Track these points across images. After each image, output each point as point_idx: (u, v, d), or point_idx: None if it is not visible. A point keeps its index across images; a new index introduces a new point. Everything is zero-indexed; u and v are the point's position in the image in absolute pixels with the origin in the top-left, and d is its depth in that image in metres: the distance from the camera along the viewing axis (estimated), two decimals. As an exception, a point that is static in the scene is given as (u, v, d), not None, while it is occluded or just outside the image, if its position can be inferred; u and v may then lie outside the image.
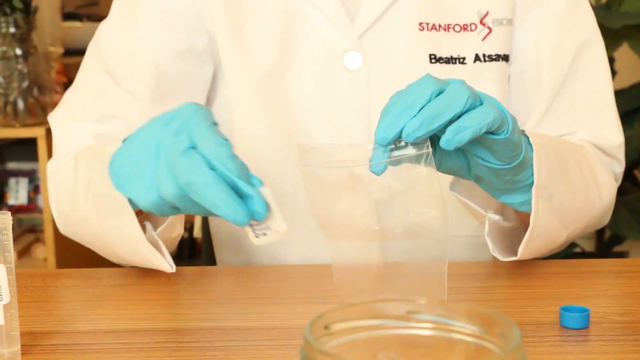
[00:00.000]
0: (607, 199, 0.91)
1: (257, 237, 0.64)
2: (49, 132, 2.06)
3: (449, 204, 0.72)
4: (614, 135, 0.95)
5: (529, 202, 0.79)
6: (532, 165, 0.76)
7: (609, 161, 0.95)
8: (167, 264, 0.79)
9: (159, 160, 0.64)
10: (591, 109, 0.95)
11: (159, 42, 0.94)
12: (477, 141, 0.69)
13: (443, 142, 0.65)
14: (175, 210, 0.67)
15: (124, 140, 0.75)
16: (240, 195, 0.62)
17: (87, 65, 0.97)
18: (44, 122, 2.04)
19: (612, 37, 1.81)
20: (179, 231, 0.84)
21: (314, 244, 0.94)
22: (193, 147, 0.62)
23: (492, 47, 0.93)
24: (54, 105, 2.16)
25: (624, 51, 2.05)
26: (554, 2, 0.95)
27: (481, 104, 0.67)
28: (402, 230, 0.69)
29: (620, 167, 0.96)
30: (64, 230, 0.92)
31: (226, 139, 0.63)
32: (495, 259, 0.86)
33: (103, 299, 0.80)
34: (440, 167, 0.72)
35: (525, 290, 0.80)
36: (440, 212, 0.67)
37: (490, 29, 0.93)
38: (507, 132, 0.68)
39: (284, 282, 0.85)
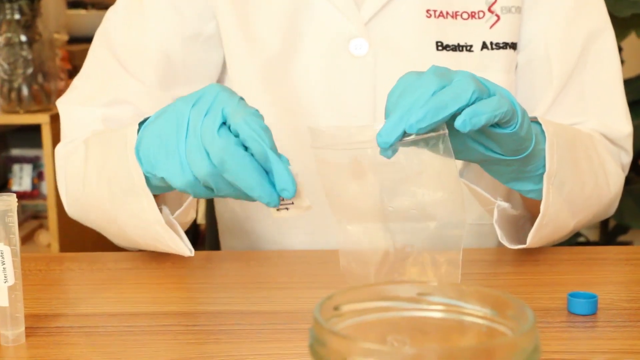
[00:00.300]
0: (614, 189, 0.91)
1: (278, 210, 0.65)
2: (53, 119, 2.06)
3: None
4: (622, 125, 0.94)
5: (538, 190, 0.78)
6: (542, 156, 0.76)
7: (617, 151, 0.95)
8: (185, 248, 0.79)
9: (192, 140, 0.65)
10: (600, 98, 0.94)
11: (167, 28, 0.93)
12: (484, 133, 0.68)
13: (459, 123, 0.63)
14: (209, 191, 0.67)
15: (141, 124, 0.75)
16: (267, 172, 0.63)
17: (95, 52, 0.97)
18: (48, 109, 2.04)
19: (620, 25, 1.79)
20: (192, 216, 0.84)
21: (319, 229, 0.94)
22: (224, 124, 0.64)
23: (500, 35, 0.92)
24: (58, 92, 2.16)
25: (631, 40, 2.04)
26: None
27: (489, 96, 0.66)
28: (414, 212, 0.68)
29: (627, 158, 0.96)
30: (73, 213, 0.92)
31: (257, 110, 0.65)
32: (500, 245, 0.85)
33: (108, 283, 0.80)
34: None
35: (532, 277, 0.80)
36: (455, 195, 0.67)
37: (498, 17, 0.92)
38: (515, 127, 0.68)
39: (289, 267, 0.84)
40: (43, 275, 0.82)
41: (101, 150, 0.83)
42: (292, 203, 0.65)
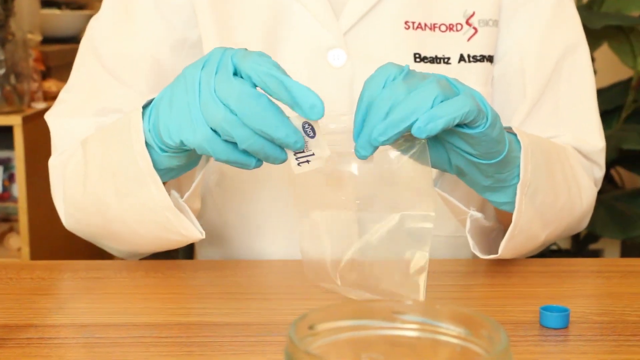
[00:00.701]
0: (586, 203, 0.92)
1: (299, 165, 0.65)
2: (25, 121, 2.04)
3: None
4: (595, 140, 0.95)
5: (512, 203, 0.79)
6: (517, 165, 0.76)
7: (590, 165, 0.95)
8: (196, 231, 0.78)
9: (205, 94, 0.64)
10: (574, 113, 0.95)
11: (156, 34, 0.93)
12: (455, 133, 0.69)
13: (414, 130, 0.65)
14: (230, 146, 0.65)
15: (145, 107, 0.75)
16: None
17: (82, 62, 0.95)
18: (20, 110, 2.02)
19: (592, 37, 1.81)
20: (197, 205, 0.83)
21: (295, 238, 0.93)
22: (235, 74, 0.64)
23: (477, 47, 0.93)
24: (31, 93, 2.14)
25: (603, 51, 2.06)
26: (540, 4, 0.94)
27: (457, 95, 0.67)
28: (382, 204, 0.69)
29: (600, 172, 0.96)
30: (71, 224, 0.90)
31: (262, 52, 0.65)
32: (474, 257, 0.86)
33: (79, 293, 0.79)
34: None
35: (504, 289, 0.80)
36: (427, 197, 0.67)
37: (475, 30, 0.93)
38: (483, 127, 0.68)
39: (264, 277, 0.84)
40: (14, 284, 0.81)
41: (102, 145, 0.82)
42: (313, 154, 0.64)
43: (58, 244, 2.13)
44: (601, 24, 1.81)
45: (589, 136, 0.95)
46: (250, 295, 0.78)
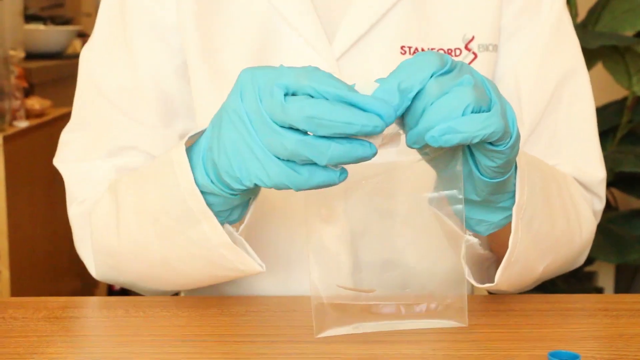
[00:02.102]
0: (586, 235, 0.87)
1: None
2: (6, 140, 1.98)
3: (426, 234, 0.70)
4: (595, 170, 0.91)
5: (489, 223, 0.75)
6: (509, 188, 0.72)
7: (590, 197, 0.91)
8: (256, 264, 0.74)
9: (263, 126, 0.61)
10: (573, 142, 0.91)
11: (157, 61, 0.88)
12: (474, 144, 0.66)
13: (428, 137, 0.62)
14: (309, 172, 0.62)
15: (187, 144, 0.72)
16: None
17: (84, 99, 0.90)
18: (1, 129, 1.96)
19: (587, 56, 1.77)
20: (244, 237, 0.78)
21: (289, 272, 0.89)
22: (286, 94, 0.60)
23: None
24: (13, 111, 2.08)
25: (597, 70, 2.03)
26: (537, 28, 0.90)
27: (489, 109, 0.63)
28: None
29: (600, 205, 0.92)
30: (103, 273, 0.86)
31: (310, 67, 0.62)
32: (471, 294, 0.82)
33: (54, 335, 0.74)
34: (433, 151, 0.68)
35: (509, 330, 0.76)
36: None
37: (475, 55, 0.89)
38: (504, 146, 0.65)
39: (253, 316, 0.79)
40: (-16, 325, 0.76)
41: (137, 188, 0.78)
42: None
43: (39, 267, 2.08)
44: (596, 44, 1.78)
45: (589, 166, 0.91)
46: (238, 338, 0.73)
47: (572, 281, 2.05)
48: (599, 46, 1.81)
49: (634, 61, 1.90)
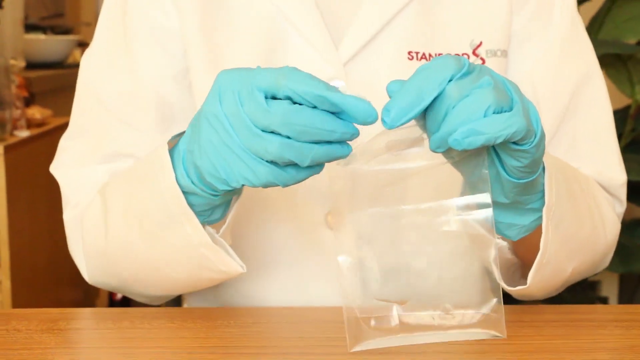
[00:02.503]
0: (611, 236, 0.87)
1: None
2: (7, 150, 1.97)
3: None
4: (616, 173, 0.90)
5: (519, 227, 0.74)
6: (538, 189, 0.72)
7: (612, 200, 0.90)
8: (237, 265, 0.74)
9: (243, 132, 0.62)
10: (593, 146, 0.90)
11: (158, 67, 0.87)
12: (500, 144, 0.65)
13: (451, 141, 0.61)
14: (293, 171, 0.63)
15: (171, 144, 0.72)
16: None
17: (82, 105, 0.90)
18: (2, 139, 1.95)
19: (590, 65, 1.78)
20: (229, 240, 0.78)
21: (296, 281, 0.88)
22: (266, 97, 0.61)
23: None
24: (13, 121, 2.07)
25: (601, 79, 2.03)
26: (552, 33, 0.90)
27: (510, 109, 0.62)
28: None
29: (621, 208, 0.91)
30: (94, 277, 0.86)
31: (287, 67, 0.62)
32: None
33: (58, 347, 0.73)
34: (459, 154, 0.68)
35: (521, 342, 0.75)
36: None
37: (483, 60, 0.88)
38: (529, 145, 0.64)
39: (261, 327, 0.78)
40: (-14, 337, 0.75)
41: (123, 191, 0.78)
42: None
43: (41, 277, 2.06)
44: (599, 52, 1.76)
45: (610, 170, 0.90)
46: (246, 350, 0.72)
47: (577, 290, 2.03)
48: (602, 54, 1.80)
49: (637, 69, 1.89)
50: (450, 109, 0.62)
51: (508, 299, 0.89)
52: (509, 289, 0.77)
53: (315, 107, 0.61)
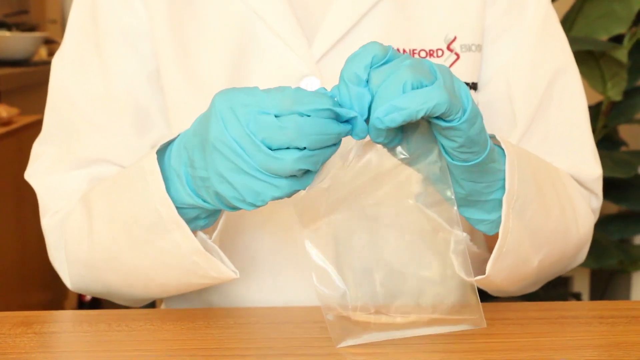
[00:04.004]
0: (583, 230, 0.86)
1: None
2: (-27, 149, 1.93)
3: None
4: (591, 167, 0.89)
5: (489, 221, 0.73)
6: (498, 178, 0.71)
7: (587, 194, 0.90)
8: (230, 271, 0.74)
9: (255, 153, 0.62)
10: (567, 139, 0.89)
11: (129, 68, 0.86)
12: (434, 125, 0.65)
13: (374, 120, 0.62)
14: (309, 175, 0.65)
15: (159, 154, 0.72)
16: None
17: (55, 109, 0.88)
18: (-33, 138, 1.91)
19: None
20: (217, 243, 0.77)
21: (276, 282, 0.86)
22: (266, 113, 0.62)
23: (460, 74, 0.87)
24: (-21, 119, 2.03)
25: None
26: (525, 28, 0.89)
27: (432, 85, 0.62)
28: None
29: (597, 202, 0.91)
30: (77, 284, 0.84)
31: (286, 87, 0.64)
32: (463, 300, 0.79)
33: (33, 352, 0.70)
34: (409, 152, 0.68)
35: (504, 340, 0.74)
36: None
37: (457, 56, 0.87)
38: (458, 121, 0.63)
39: (242, 328, 0.76)
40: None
41: (108, 199, 0.77)
42: None
43: (8, 279, 2.02)
44: (572, 49, 1.78)
45: (585, 163, 0.89)
46: (226, 352, 0.70)
47: (548, 286, 2.04)
48: (574, 51, 1.79)
49: (609, 66, 1.90)
50: (374, 96, 0.63)
51: (493, 296, 0.89)
52: (469, 279, 0.75)
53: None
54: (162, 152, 0.73)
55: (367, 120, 0.64)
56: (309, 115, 0.62)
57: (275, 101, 0.62)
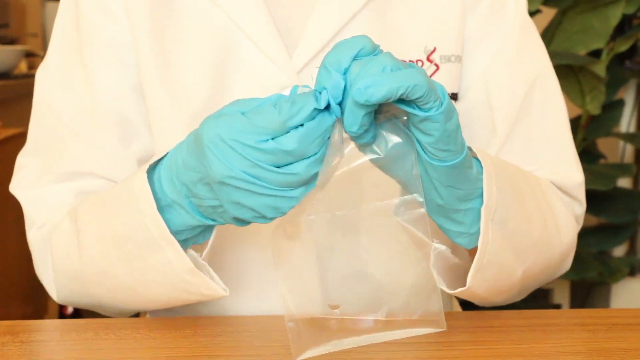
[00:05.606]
0: (566, 239, 0.86)
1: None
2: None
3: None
4: (573, 173, 0.90)
5: (469, 235, 0.73)
6: (476, 188, 0.71)
7: (570, 201, 0.90)
8: (220, 289, 0.73)
9: (272, 174, 0.64)
10: (548, 146, 0.90)
11: (114, 80, 0.86)
12: (410, 121, 0.65)
13: (354, 93, 0.61)
14: (311, 179, 0.66)
15: (151, 173, 0.72)
16: None
17: (39, 122, 0.88)
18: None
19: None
20: (207, 260, 0.77)
21: (260, 290, 0.86)
22: (264, 141, 0.63)
23: None
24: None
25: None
26: (503, 36, 0.90)
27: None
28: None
29: (580, 208, 0.91)
30: (64, 297, 0.84)
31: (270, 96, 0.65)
32: (451, 310, 0.81)
33: (12, 358, 0.71)
34: (384, 152, 0.68)
35: (489, 347, 0.75)
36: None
37: (437, 66, 0.88)
38: (435, 110, 0.63)
39: (230, 336, 0.76)
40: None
41: (97, 216, 0.77)
42: None
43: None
44: (553, 63, 1.80)
45: (566, 170, 0.90)
46: (215, 359, 0.70)
47: (528, 298, 2.06)
48: (554, 65, 1.83)
49: (588, 80, 1.93)
50: (353, 82, 0.63)
51: (475, 305, 0.89)
52: (449, 292, 0.76)
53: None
54: (150, 171, 0.73)
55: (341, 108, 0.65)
56: (302, 125, 0.63)
57: (266, 125, 0.63)
